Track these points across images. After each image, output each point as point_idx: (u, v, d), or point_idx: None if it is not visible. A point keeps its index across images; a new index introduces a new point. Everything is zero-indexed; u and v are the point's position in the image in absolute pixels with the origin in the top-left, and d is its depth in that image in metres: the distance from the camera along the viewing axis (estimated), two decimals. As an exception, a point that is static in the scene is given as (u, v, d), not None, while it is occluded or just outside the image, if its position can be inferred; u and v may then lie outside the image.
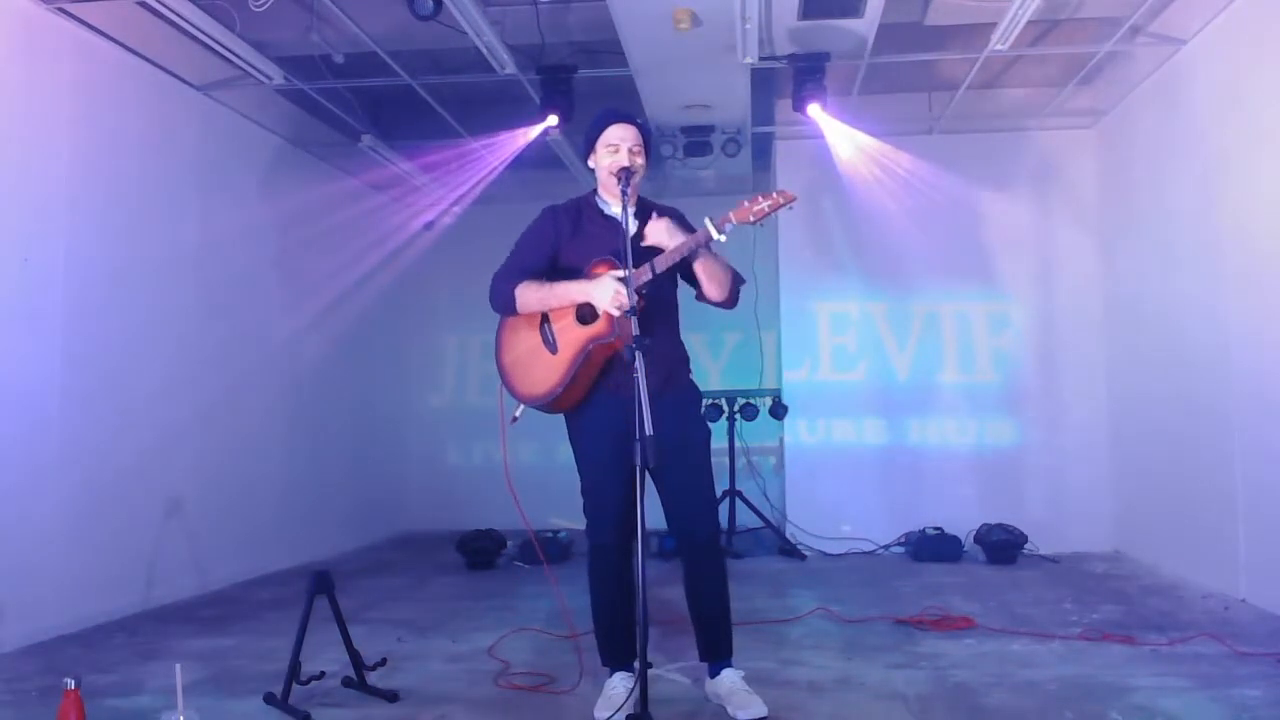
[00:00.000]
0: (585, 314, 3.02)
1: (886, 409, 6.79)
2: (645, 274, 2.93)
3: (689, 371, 3.22)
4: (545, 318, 3.09)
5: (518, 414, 3.14)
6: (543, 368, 3.06)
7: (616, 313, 2.90)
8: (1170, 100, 5.51)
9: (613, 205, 3.14)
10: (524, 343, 3.12)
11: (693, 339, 3.32)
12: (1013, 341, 6.76)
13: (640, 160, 3.09)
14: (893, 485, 6.70)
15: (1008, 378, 6.74)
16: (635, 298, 2.83)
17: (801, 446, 6.88)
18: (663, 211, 3.21)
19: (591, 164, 3.19)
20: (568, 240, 3.14)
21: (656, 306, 3.04)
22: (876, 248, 6.71)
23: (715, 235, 2.94)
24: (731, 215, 2.93)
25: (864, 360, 6.87)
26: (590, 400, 3.08)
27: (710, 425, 3.56)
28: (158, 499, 5.13)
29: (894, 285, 6.78)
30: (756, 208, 2.93)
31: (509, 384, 3.13)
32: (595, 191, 3.23)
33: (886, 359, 6.84)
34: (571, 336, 3.03)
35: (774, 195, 2.95)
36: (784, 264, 6.94)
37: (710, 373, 7.95)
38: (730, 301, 3.13)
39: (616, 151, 3.08)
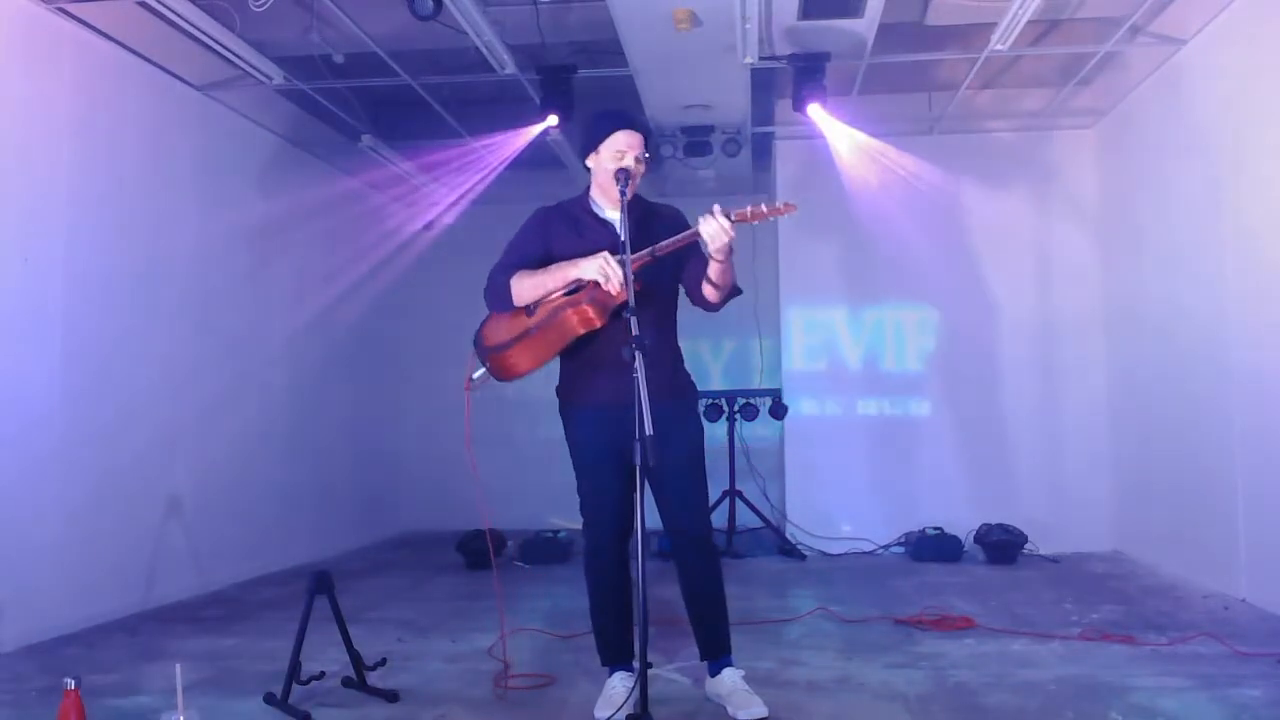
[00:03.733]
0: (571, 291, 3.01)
1: (886, 408, 6.79)
2: (645, 258, 2.92)
3: (685, 371, 3.21)
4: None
5: (475, 376, 3.11)
6: (514, 323, 3.06)
7: (600, 279, 2.89)
8: (1170, 100, 5.51)
9: (607, 209, 3.13)
10: (505, 316, 3.12)
11: (693, 339, 3.31)
12: (1012, 341, 6.76)
13: (642, 168, 3.10)
14: (892, 485, 6.70)
15: (1007, 378, 6.73)
16: (632, 279, 2.82)
17: (801, 446, 6.87)
18: (660, 210, 3.21)
19: (590, 163, 3.16)
20: (561, 242, 3.11)
21: (654, 305, 3.04)
22: (876, 248, 6.70)
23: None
24: (732, 212, 2.93)
25: (864, 360, 6.87)
26: (587, 402, 3.07)
27: (709, 424, 3.57)
28: (158, 499, 5.13)
29: (894, 285, 6.78)
30: (757, 210, 2.94)
31: (478, 344, 3.12)
32: (588, 193, 3.20)
33: (887, 359, 6.83)
34: (552, 302, 3.02)
35: (778, 205, 2.96)
36: (784, 264, 6.94)
37: (710, 373, 7.95)
38: (718, 307, 3.13)
39: (622, 159, 3.04)
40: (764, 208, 2.91)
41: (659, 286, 3.06)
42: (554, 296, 3.01)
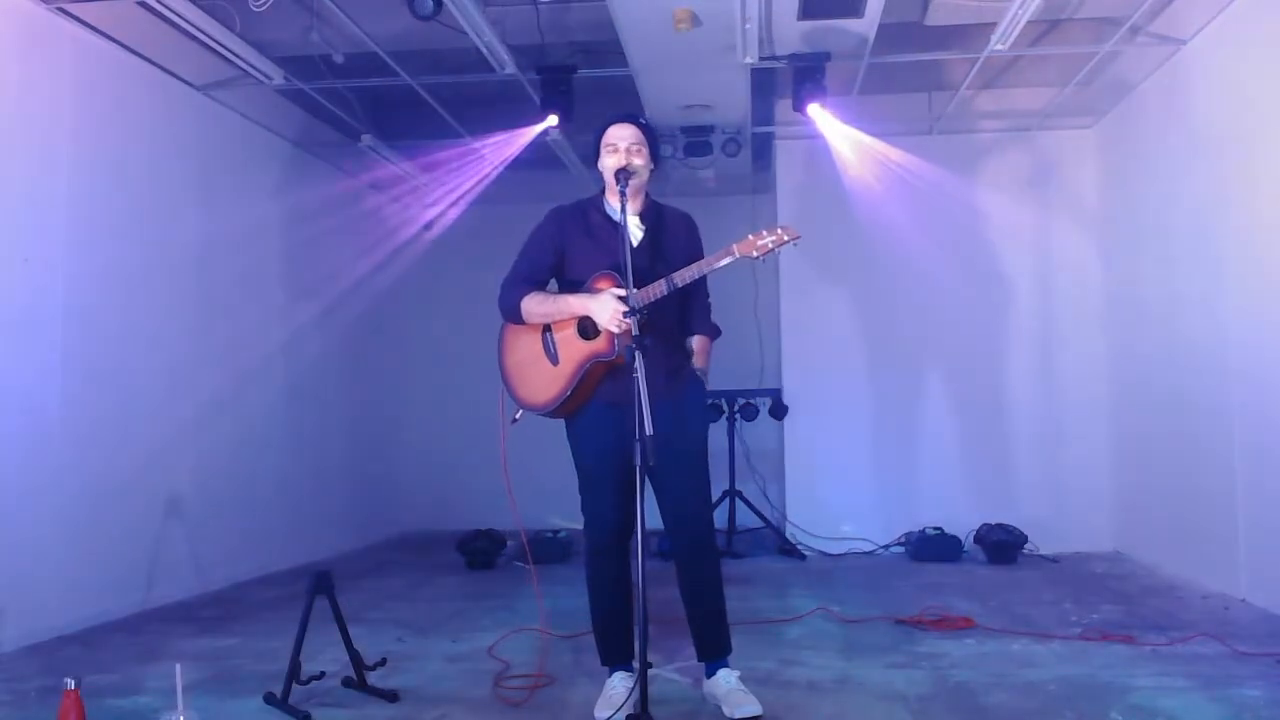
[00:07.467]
0: (586, 326, 3.03)
1: (886, 408, 6.79)
2: (660, 290, 2.96)
3: (690, 371, 3.22)
4: (547, 326, 3.11)
5: (517, 416, 3.18)
6: (543, 377, 3.08)
7: (616, 330, 2.91)
8: (1170, 100, 5.51)
9: (618, 209, 3.15)
10: (526, 348, 3.14)
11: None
12: (1013, 341, 6.76)
13: (639, 161, 3.11)
14: (892, 485, 6.70)
15: (1007, 378, 6.73)
16: (639, 310, 2.86)
17: (801, 446, 6.87)
18: (674, 217, 3.23)
19: (600, 167, 3.20)
20: (573, 243, 3.15)
21: (659, 308, 3.04)
22: (876, 247, 6.70)
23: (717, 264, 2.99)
24: (735, 248, 2.98)
25: (864, 360, 6.86)
26: (590, 404, 3.09)
27: (710, 423, 3.60)
28: (158, 499, 5.13)
29: (894, 285, 6.77)
30: (761, 243, 2.98)
31: (510, 387, 3.17)
32: (603, 193, 3.23)
33: (886, 359, 6.83)
34: (572, 350, 3.04)
35: (779, 231, 2.99)
36: (784, 264, 6.92)
37: (710, 372, 7.92)
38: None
39: (615, 151, 3.10)
40: (768, 239, 2.98)
41: (664, 299, 3.06)
42: (572, 338, 3.05)
